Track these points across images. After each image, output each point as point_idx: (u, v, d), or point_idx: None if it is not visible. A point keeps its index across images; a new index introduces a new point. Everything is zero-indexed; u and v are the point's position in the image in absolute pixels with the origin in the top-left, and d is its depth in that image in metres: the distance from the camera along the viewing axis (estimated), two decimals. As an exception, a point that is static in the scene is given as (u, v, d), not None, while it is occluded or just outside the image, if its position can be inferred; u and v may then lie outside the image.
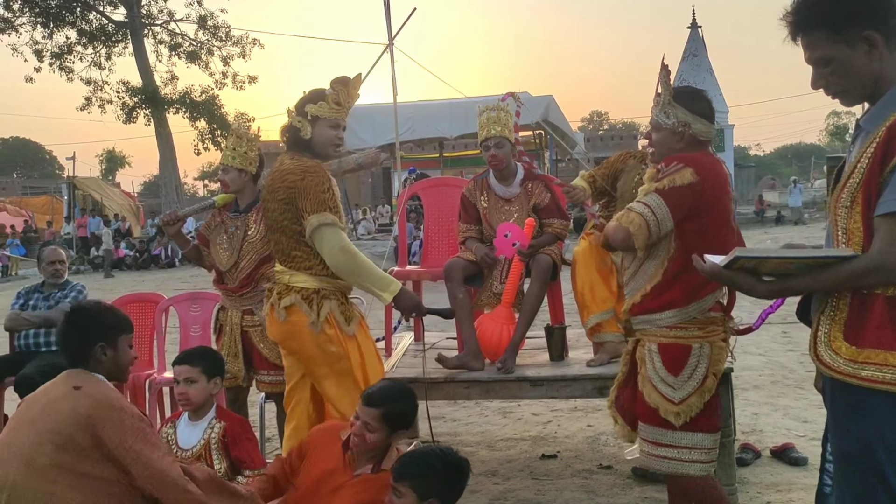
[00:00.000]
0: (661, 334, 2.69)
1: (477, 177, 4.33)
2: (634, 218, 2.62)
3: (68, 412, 2.46)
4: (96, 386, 2.58)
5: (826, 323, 1.90)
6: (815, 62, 1.94)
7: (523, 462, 4.45)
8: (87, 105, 29.15)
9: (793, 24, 1.95)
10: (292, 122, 3.25)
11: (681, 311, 2.65)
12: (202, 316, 5.18)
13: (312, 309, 3.13)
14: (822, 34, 1.89)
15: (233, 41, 29.40)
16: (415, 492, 2.56)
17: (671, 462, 2.69)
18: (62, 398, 2.52)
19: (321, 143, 3.25)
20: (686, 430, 2.66)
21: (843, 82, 1.92)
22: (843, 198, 1.88)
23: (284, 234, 3.19)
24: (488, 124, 4.06)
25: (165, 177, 28.46)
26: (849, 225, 1.87)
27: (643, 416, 2.75)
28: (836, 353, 1.86)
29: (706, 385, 2.67)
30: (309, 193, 3.11)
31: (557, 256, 4.03)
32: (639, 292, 2.72)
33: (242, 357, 4.01)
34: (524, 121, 15.17)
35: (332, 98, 3.24)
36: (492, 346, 3.89)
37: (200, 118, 29.01)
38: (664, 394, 2.67)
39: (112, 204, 27.93)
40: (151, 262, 21.91)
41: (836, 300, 1.89)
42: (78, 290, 5.05)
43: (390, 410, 2.78)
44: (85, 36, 28.40)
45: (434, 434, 5.02)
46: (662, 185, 2.61)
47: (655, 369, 2.70)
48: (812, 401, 5.09)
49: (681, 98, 2.76)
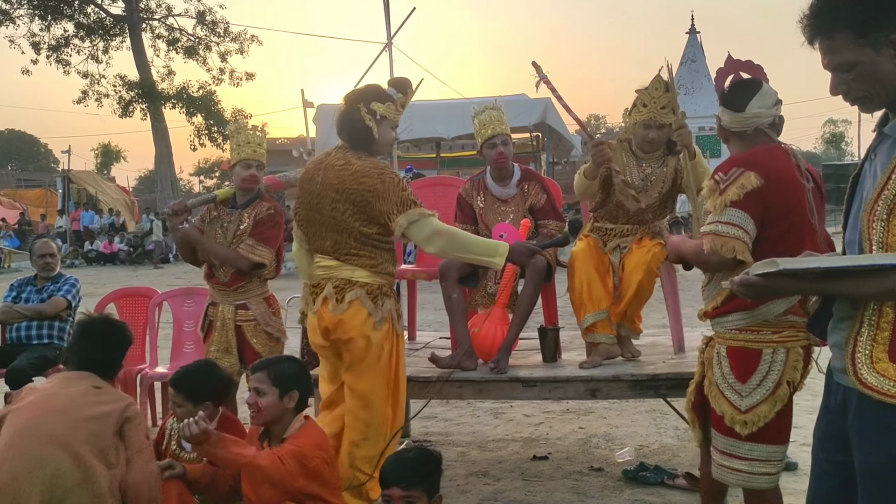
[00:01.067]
0: (730, 337, 2.60)
1: (474, 177, 4.33)
2: (737, 245, 2.44)
3: (101, 407, 2.72)
4: (116, 391, 2.91)
5: (867, 344, 1.81)
6: (836, 67, 1.83)
7: (514, 463, 4.46)
8: (84, 98, 29.07)
9: (813, 26, 1.83)
10: (362, 119, 3.19)
11: (749, 313, 2.54)
12: (196, 311, 5.17)
13: (377, 306, 3.17)
14: (847, 37, 1.78)
15: (231, 37, 29.34)
16: (425, 492, 2.66)
17: (740, 474, 2.60)
18: (91, 395, 2.77)
19: (384, 143, 3.29)
20: (755, 442, 2.56)
21: (867, 88, 1.82)
22: (878, 210, 1.78)
23: (351, 235, 3.16)
24: (492, 122, 4.06)
25: (161, 172, 28.39)
26: (886, 238, 1.75)
27: (713, 423, 2.67)
28: (883, 376, 1.76)
29: (778, 394, 2.55)
30: (391, 195, 3.09)
31: (552, 257, 4.03)
32: (711, 302, 2.65)
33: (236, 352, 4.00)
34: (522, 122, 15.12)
35: (400, 101, 3.27)
36: (485, 346, 3.89)
37: (197, 114, 28.91)
38: (731, 400, 2.58)
39: (107, 198, 27.83)
40: (146, 258, 21.85)
41: (875, 319, 1.80)
42: (71, 284, 5.04)
43: (275, 370, 2.99)
44: (82, 29, 28.32)
45: (425, 434, 5.03)
46: (736, 195, 2.46)
47: (723, 374, 2.60)
48: (802, 406, 5.08)
49: (722, 93, 2.70)
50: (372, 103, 3.19)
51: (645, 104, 3.75)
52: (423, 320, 4.83)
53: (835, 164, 31.74)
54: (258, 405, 2.96)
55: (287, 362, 3.12)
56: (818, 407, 2.02)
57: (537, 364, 4.02)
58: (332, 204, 3.15)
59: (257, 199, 4.10)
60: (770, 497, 2.68)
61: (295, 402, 3.01)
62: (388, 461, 2.84)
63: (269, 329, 4.05)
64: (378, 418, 3.21)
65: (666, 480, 3.99)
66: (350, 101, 3.24)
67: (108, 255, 21.80)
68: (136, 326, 5.30)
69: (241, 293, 4.02)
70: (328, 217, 3.18)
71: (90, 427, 2.66)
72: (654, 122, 3.74)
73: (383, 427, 3.23)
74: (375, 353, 3.18)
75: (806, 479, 4.25)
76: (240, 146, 4.05)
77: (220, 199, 4.13)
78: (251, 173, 4.05)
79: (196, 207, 4.10)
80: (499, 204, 4.16)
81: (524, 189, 4.15)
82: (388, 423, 3.25)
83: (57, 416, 2.68)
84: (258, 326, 4.02)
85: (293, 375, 3.03)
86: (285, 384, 2.97)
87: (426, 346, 4.61)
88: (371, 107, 3.19)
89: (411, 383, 3.71)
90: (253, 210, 4.05)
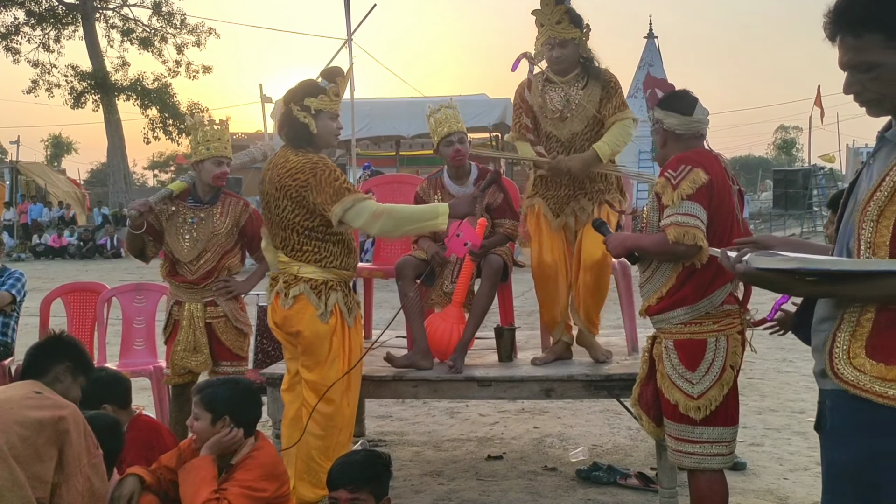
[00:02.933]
0: (676, 331, 2.80)
1: (431, 175, 4.31)
2: (697, 234, 2.67)
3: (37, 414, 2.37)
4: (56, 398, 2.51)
5: (845, 339, 1.82)
6: (855, 66, 1.79)
7: (469, 463, 4.46)
8: (34, 88, 28.37)
9: (839, 22, 1.79)
10: (296, 118, 3.23)
11: (692, 307, 2.75)
12: (147, 307, 5.07)
13: (321, 300, 3.22)
14: (876, 38, 1.74)
15: (188, 29, 28.87)
16: (373, 494, 2.65)
17: (694, 457, 2.80)
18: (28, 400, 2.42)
19: (326, 135, 3.30)
20: (707, 425, 2.76)
21: (883, 91, 1.79)
22: (869, 211, 1.79)
23: (295, 230, 3.24)
24: (447, 121, 4.03)
25: (114, 165, 27.79)
26: (874, 238, 1.79)
27: (667, 413, 2.86)
28: (860, 371, 1.77)
29: (724, 378, 2.75)
30: (324, 187, 3.15)
31: (509, 257, 4.03)
32: (654, 294, 2.83)
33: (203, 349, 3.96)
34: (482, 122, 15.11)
35: (333, 91, 3.28)
36: (441, 345, 3.88)
37: (152, 106, 28.38)
38: (683, 389, 2.77)
39: (57, 191, 27.13)
40: (97, 252, 21.37)
41: (855, 316, 1.81)
42: (16, 278, 4.89)
43: (207, 394, 2.88)
44: (33, 17, 27.59)
45: (380, 434, 5.00)
46: (690, 189, 2.69)
47: (673, 366, 2.80)
48: (751, 406, 5.19)
49: (660, 101, 2.91)
50: (305, 100, 3.24)
51: (542, 24, 3.69)
52: (380, 319, 4.79)
53: (785, 169, 32.46)
54: (194, 427, 2.87)
55: (224, 385, 2.95)
56: (765, 408, 2.04)
57: (493, 364, 4.01)
58: (276, 202, 3.25)
59: (220, 193, 4.08)
60: (716, 483, 2.81)
61: (228, 426, 2.84)
62: (335, 463, 2.81)
63: (239, 325, 4.05)
64: (339, 412, 3.27)
65: (619, 480, 4.03)
66: (286, 102, 3.30)
67: (57, 249, 21.31)
68: (85, 322, 5.18)
69: (209, 290, 3.97)
70: (275, 215, 3.27)
71: (19, 431, 2.33)
72: (554, 39, 3.64)
73: (339, 419, 3.28)
74: (324, 347, 3.23)
75: (755, 478, 4.36)
76: (209, 142, 3.97)
77: (176, 193, 4.06)
78: (223, 170, 4.02)
79: (160, 203, 4.04)
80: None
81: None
82: (343, 417, 3.30)
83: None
84: (228, 322, 4.00)
85: (226, 400, 2.86)
86: (217, 409, 2.84)
87: (382, 346, 4.58)
88: (304, 103, 3.23)
89: (366, 382, 3.69)
90: (225, 208, 4.04)
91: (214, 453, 2.81)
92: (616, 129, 3.67)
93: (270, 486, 2.79)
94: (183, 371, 3.98)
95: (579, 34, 3.64)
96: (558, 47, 3.66)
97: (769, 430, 4.79)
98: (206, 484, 2.70)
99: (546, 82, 3.78)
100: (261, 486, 2.76)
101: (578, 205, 3.79)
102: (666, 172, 2.76)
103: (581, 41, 3.67)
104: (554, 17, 3.63)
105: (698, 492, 2.85)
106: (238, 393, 2.94)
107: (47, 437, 2.34)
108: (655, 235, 2.81)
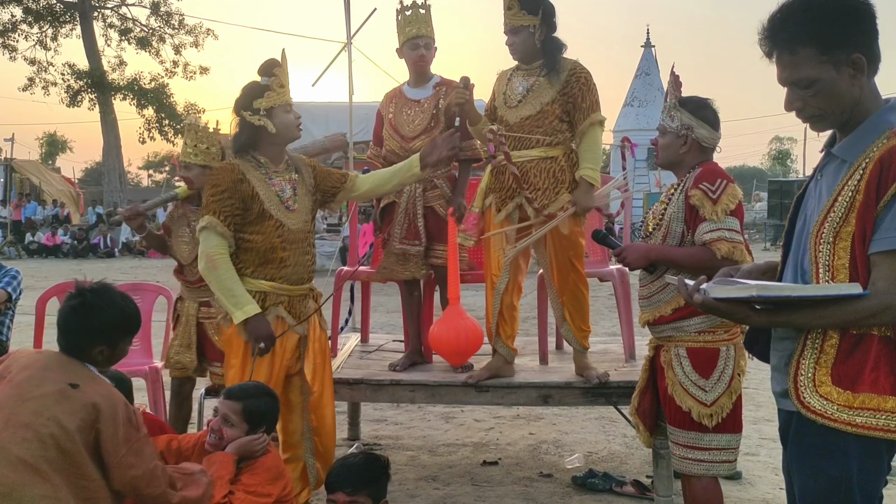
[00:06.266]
0: (690, 339, 2.81)
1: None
2: (744, 251, 2.71)
3: (68, 413, 2.24)
4: (95, 387, 2.34)
5: (809, 366, 1.78)
6: (795, 82, 1.80)
7: (464, 468, 4.45)
8: (30, 85, 28.19)
9: (775, 39, 1.80)
10: (251, 123, 3.17)
11: (709, 316, 2.70)
12: (143, 307, 5.01)
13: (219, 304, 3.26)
14: (810, 52, 1.75)
15: (186, 30, 28.78)
16: (371, 497, 2.65)
17: (703, 464, 2.81)
18: (59, 396, 2.27)
19: (285, 130, 3.23)
20: (717, 432, 2.79)
21: (824, 105, 1.79)
22: (824, 233, 1.76)
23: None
24: (417, 22, 3.84)
25: (109, 164, 27.70)
26: (832, 261, 1.75)
27: (675, 420, 2.85)
28: (827, 399, 1.75)
29: (733, 386, 2.80)
30: (205, 195, 3.18)
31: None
32: (669, 304, 2.82)
33: (196, 348, 3.99)
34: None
35: (276, 83, 3.20)
36: (460, 348, 3.87)
37: (148, 106, 28.30)
38: (696, 396, 2.79)
39: (51, 189, 27.05)
40: (90, 251, 21.29)
41: (818, 342, 1.77)
42: (12, 276, 4.86)
43: (251, 405, 2.76)
44: (31, 14, 27.47)
45: (375, 438, 4.99)
46: (731, 205, 2.71)
47: (686, 373, 2.82)
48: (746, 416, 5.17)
49: (687, 104, 2.87)
50: (254, 103, 3.18)
51: (504, 11, 3.59)
52: (376, 322, 4.79)
53: (780, 180, 32.59)
54: (222, 433, 2.75)
55: (265, 397, 2.89)
56: (760, 418, 2.05)
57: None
58: None
59: None
60: (711, 490, 2.85)
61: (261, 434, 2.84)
62: (334, 466, 2.81)
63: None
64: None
65: (614, 487, 4.02)
66: (236, 112, 3.24)
67: (50, 248, 21.21)
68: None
69: (205, 290, 3.97)
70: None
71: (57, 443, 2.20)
72: (507, 27, 3.55)
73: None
74: (232, 348, 3.25)
75: (750, 487, 4.35)
76: (184, 147, 3.95)
77: (182, 197, 4.08)
78: (184, 175, 4.01)
79: (153, 209, 4.05)
80: (411, 105, 3.96)
81: (439, 92, 3.94)
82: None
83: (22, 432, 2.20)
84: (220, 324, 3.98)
85: (266, 413, 2.84)
86: (256, 422, 2.78)
87: (378, 349, 4.58)
88: (254, 106, 3.18)
89: (363, 386, 3.70)
90: None
91: (239, 455, 2.75)
92: (590, 145, 3.53)
93: (275, 489, 2.76)
94: (178, 366, 4.01)
95: (534, 21, 3.48)
96: (510, 34, 3.55)
97: (764, 439, 4.79)
98: (222, 485, 2.66)
99: (514, 70, 3.69)
100: (266, 490, 2.72)
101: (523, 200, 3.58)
102: (701, 185, 2.72)
103: (538, 28, 3.50)
104: (506, 3, 3.52)
105: (694, 499, 2.86)
106: (277, 408, 2.91)
107: (84, 440, 2.25)
108: (693, 249, 2.76)
